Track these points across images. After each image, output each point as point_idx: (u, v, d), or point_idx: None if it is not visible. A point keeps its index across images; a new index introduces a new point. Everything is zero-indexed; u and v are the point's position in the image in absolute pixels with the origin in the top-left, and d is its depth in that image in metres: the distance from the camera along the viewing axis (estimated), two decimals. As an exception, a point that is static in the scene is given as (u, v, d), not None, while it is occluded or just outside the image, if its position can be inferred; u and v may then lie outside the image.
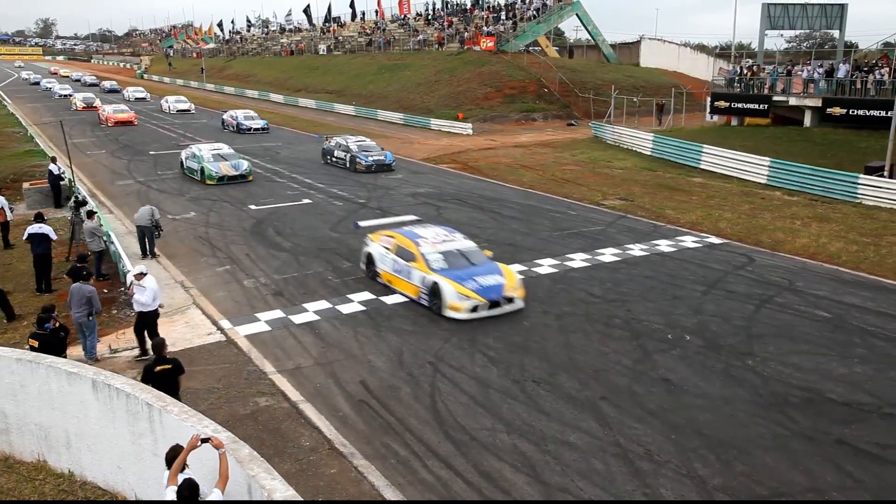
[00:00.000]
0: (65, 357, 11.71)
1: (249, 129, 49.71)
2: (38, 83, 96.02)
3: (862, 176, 27.48)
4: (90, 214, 19.99)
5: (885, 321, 15.67)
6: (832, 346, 14.41)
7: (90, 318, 13.83)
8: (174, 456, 7.80)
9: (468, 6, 78.21)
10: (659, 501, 8.31)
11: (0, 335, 15.54)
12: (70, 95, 72.53)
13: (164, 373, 10.70)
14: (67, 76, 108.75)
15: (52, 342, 11.97)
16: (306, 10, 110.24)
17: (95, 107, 61.88)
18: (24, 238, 18.45)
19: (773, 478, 10.13)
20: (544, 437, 11.11)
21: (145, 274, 14.06)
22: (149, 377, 10.70)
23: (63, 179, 27.84)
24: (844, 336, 14.86)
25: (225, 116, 53.04)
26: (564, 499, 9.62)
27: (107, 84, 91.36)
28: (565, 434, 11.22)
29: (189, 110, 63.48)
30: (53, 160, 28.91)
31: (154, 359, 11.06)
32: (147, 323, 14.19)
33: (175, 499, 7.31)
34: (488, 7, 75.37)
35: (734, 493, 9.74)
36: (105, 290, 17.88)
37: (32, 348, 11.68)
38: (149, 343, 13.22)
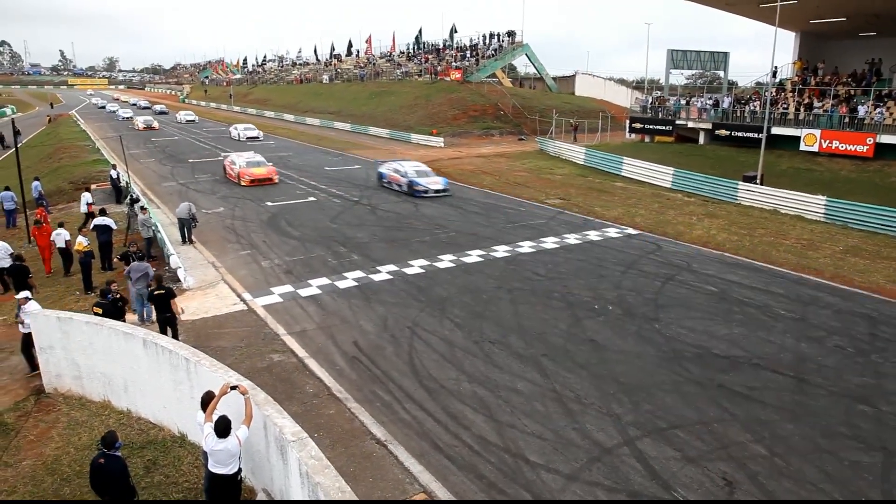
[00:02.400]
0: (123, 321, 11.61)
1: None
2: (104, 107, 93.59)
3: (741, 183, 27.80)
4: (143, 209, 19.76)
5: (756, 294, 15.90)
6: (717, 312, 14.60)
7: (148, 288, 13.68)
8: (207, 400, 7.77)
9: (441, 46, 77.72)
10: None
11: (75, 303, 15.38)
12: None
13: (160, 296, 12.22)
14: (127, 101, 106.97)
15: (113, 310, 11.89)
16: (315, 50, 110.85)
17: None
18: (91, 228, 18.27)
19: (671, 414, 10.29)
20: (497, 386, 11.17)
21: (29, 299, 11.73)
22: (150, 298, 12.61)
23: (121, 182, 27.50)
24: (727, 305, 15.06)
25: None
26: (513, 434, 9.69)
27: (157, 108, 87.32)
28: (514, 383, 11.28)
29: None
30: (114, 167, 28.78)
31: (155, 287, 12.55)
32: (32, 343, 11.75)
33: (213, 431, 7.31)
34: (457, 47, 75.02)
35: (642, 427, 9.87)
36: (153, 269, 17.63)
37: (97, 314, 11.61)
38: (38, 359, 11.58)
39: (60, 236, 17.54)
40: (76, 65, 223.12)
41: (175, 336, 12.29)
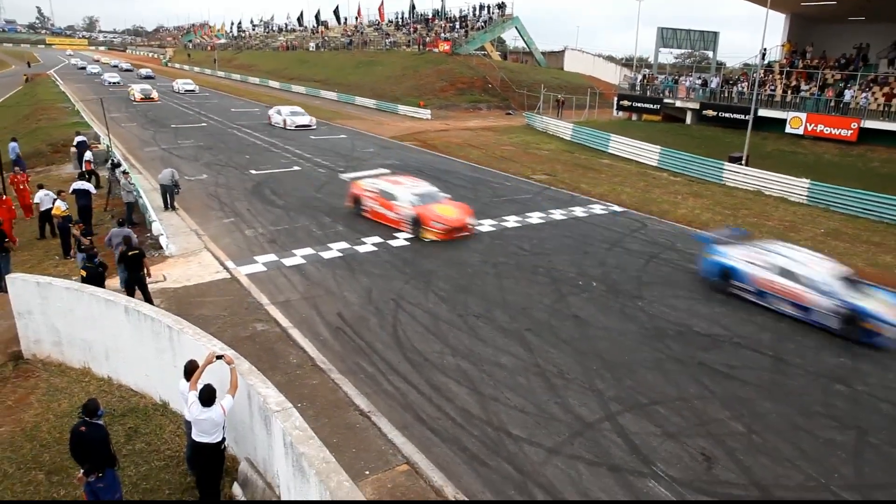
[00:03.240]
0: (103, 287, 11.48)
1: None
2: (84, 68, 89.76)
3: (726, 164, 27.91)
4: (125, 174, 19.45)
5: (742, 274, 16.00)
6: (700, 291, 14.72)
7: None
8: (191, 369, 7.72)
9: (430, 17, 76.68)
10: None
11: (53, 268, 15.16)
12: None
13: (133, 256, 12.34)
14: (107, 63, 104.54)
15: (95, 275, 11.82)
16: (300, 18, 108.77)
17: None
18: (70, 192, 17.90)
19: (653, 390, 10.40)
20: (481, 359, 11.20)
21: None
22: (122, 259, 12.52)
23: (87, 151, 26.70)
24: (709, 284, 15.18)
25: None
26: (496, 408, 9.75)
27: (142, 72, 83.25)
28: (497, 357, 11.33)
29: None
30: (78, 133, 27.97)
31: (127, 248, 12.58)
32: None
33: (197, 399, 7.27)
34: (446, 18, 74.07)
35: (623, 402, 9.98)
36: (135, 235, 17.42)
37: (82, 278, 11.66)
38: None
39: (48, 196, 17.18)
40: (54, 23, 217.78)
41: (147, 299, 12.22)
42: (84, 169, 22.60)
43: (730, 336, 12.49)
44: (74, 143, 26.53)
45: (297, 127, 39.11)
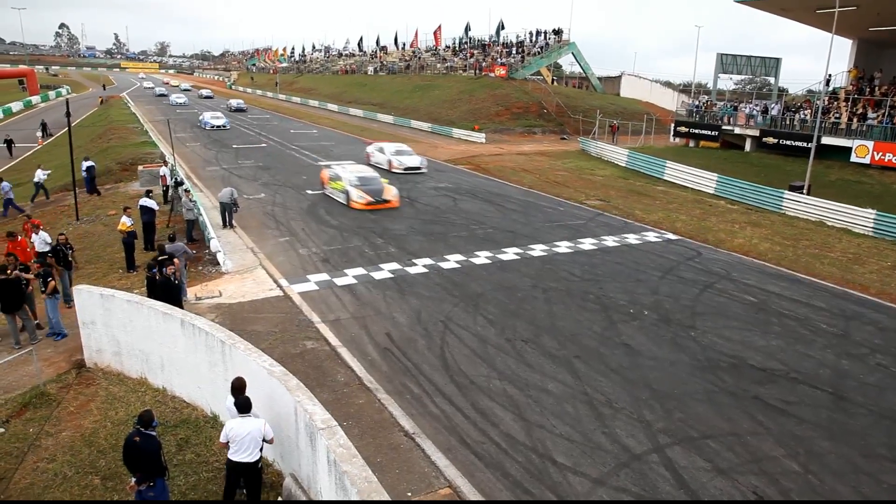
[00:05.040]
0: (180, 300, 12.44)
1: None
2: (155, 91, 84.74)
3: (787, 192, 27.10)
4: (186, 192, 20.14)
5: (796, 306, 15.51)
6: (756, 323, 14.28)
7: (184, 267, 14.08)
8: (239, 386, 7.90)
9: (487, 42, 77.43)
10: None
11: (117, 281, 15.75)
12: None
13: (163, 260, 12.39)
14: (177, 86, 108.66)
15: (170, 286, 12.24)
16: (359, 42, 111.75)
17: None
18: (138, 207, 18.66)
19: (704, 423, 10.10)
20: (528, 385, 11.10)
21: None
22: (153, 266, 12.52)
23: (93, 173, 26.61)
24: (765, 316, 14.73)
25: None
26: (541, 435, 9.63)
27: (203, 92, 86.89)
28: (545, 383, 11.21)
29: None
30: (86, 158, 27.09)
31: (158, 254, 13.07)
32: None
33: (233, 405, 7.78)
34: (503, 43, 74.66)
35: (673, 435, 9.72)
36: (194, 251, 17.99)
37: (149, 279, 12.32)
38: None
39: (41, 238, 15.62)
40: (129, 48, 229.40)
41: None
42: (161, 184, 24.50)
43: (786, 371, 12.06)
44: (84, 169, 25.97)
45: (405, 170, 31.87)
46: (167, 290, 11.88)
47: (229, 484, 7.87)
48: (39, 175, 25.98)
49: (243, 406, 7.69)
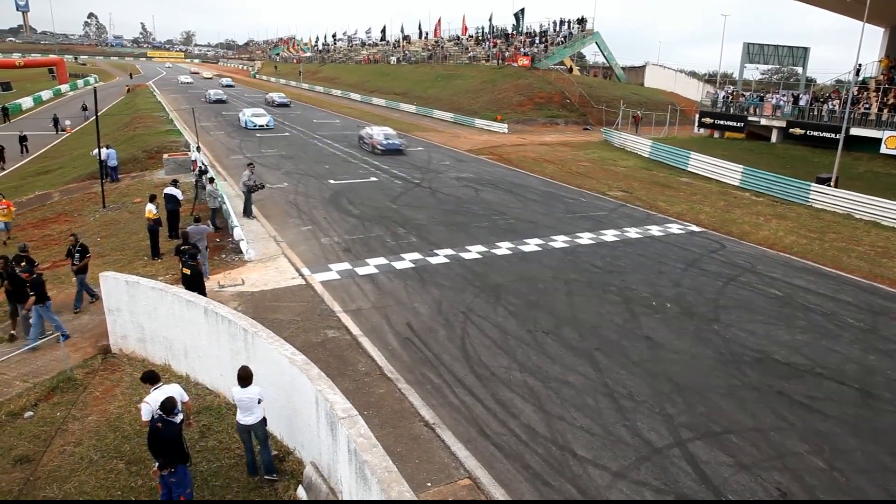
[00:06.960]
0: (203, 288, 12.73)
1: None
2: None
3: (814, 184, 26.61)
4: (210, 180, 20.26)
5: (822, 300, 15.24)
6: (780, 317, 14.05)
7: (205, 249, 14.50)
8: (245, 376, 7.99)
9: (510, 32, 76.86)
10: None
11: (142, 268, 15.91)
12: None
13: (186, 250, 12.91)
14: (209, 77, 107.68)
15: (197, 273, 12.81)
16: (383, 31, 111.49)
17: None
18: (163, 196, 18.77)
19: (726, 418, 9.96)
20: (548, 377, 11.03)
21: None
22: (178, 252, 13.28)
23: (109, 163, 26.22)
24: (790, 311, 14.48)
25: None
26: (561, 427, 9.56)
27: (224, 81, 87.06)
28: (565, 375, 11.13)
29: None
30: (108, 146, 26.40)
31: (182, 242, 13.60)
32: None
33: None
34: (526, 33, 74.07)
35: (695, 429, 9.59)
36: (217, 239, 18.14)
37: (185, 275, 12.59)
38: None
39: None
40: (155, 38, 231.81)
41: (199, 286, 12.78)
42: (192, 169, 25.32)
43: (811, 366, 11.85)
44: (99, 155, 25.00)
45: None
46: (193, 280, 12.09)
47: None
48: (106, 154, 25.44)
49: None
